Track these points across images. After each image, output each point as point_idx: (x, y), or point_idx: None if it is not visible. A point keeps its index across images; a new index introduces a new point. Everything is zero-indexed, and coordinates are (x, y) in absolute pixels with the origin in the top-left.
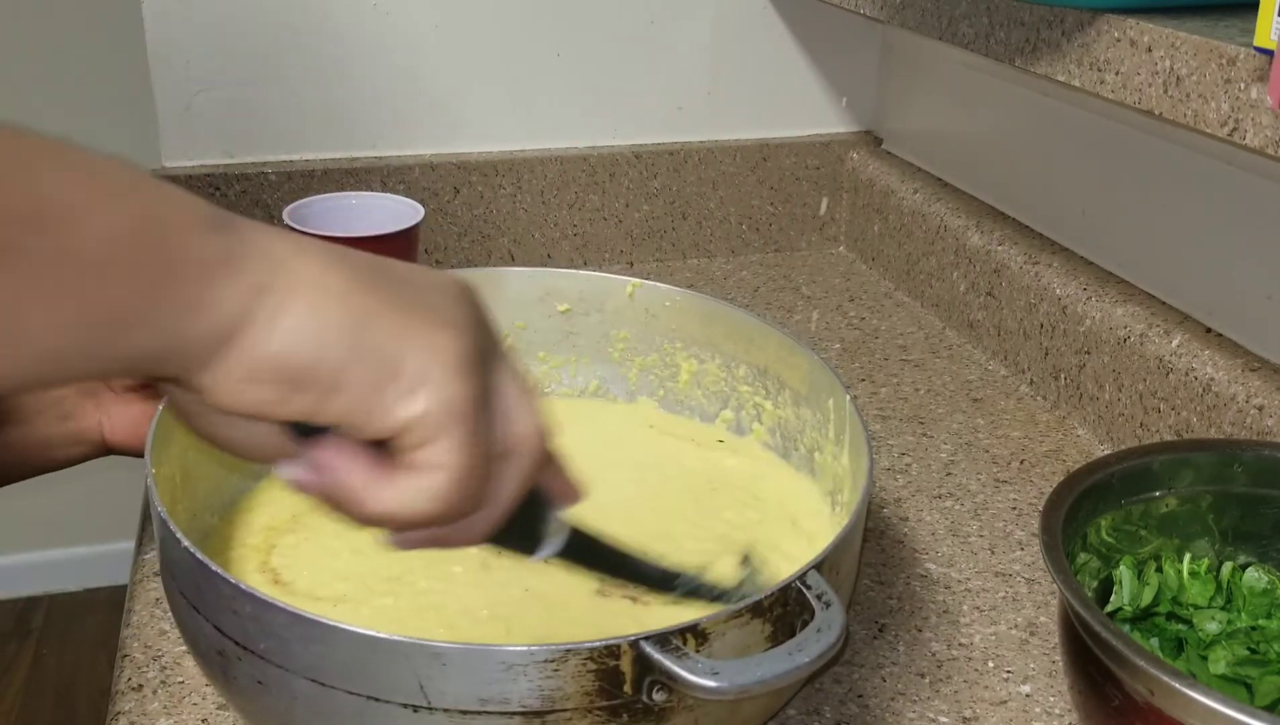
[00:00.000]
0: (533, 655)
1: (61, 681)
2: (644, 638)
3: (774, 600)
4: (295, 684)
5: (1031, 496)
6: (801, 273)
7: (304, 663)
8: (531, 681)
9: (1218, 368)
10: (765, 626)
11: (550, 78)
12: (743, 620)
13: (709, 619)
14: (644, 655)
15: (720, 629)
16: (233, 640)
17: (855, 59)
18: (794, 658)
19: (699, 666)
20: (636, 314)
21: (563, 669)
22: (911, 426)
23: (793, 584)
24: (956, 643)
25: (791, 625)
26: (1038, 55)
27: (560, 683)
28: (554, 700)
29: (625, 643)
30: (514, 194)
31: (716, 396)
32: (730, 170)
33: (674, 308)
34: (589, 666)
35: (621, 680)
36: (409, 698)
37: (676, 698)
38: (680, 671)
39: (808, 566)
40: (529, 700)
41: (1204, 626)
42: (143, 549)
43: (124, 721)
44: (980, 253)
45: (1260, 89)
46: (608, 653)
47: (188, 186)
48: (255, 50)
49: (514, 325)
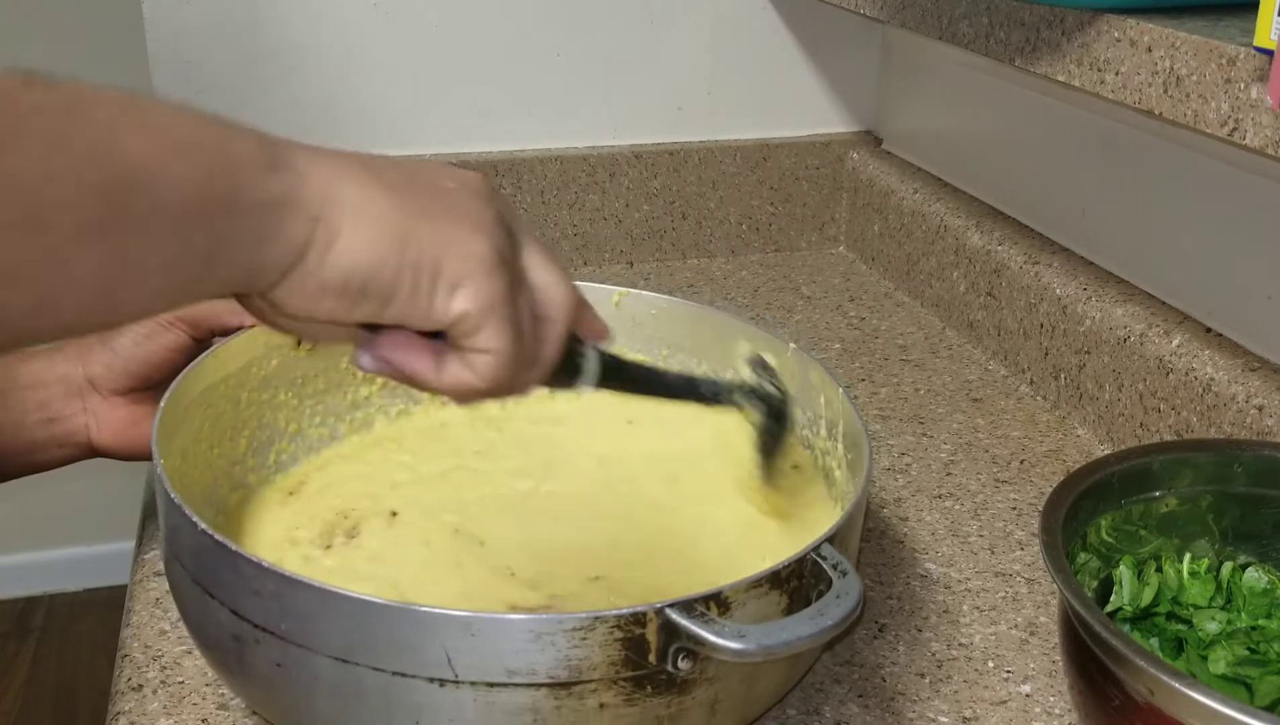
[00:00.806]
0: (561, 623)
1: (61, 681)
2: (670, 605)
3: (790, 571)
4: (317, 664)
5: (1031, 496)
6: (801, 273)
7: (330, 640)
8: (560, 650)
9: (1218, 368)
10: (782, 598)
11: (550, 78)
12: (761, 590)
13: (730, 587)
14: (670, 622)
15: (740, 598)
16: (250, 623)
17: (855, 59)
18: (817, 621)
19: (726, 630)
20: (624, 323)
21: (590, 637)
22: (911, 426)
23: (808, 556)
24: (956, 643)
25: (807, 596)
26: (1038, 55)
27: (587, 652)
28: (580, 670)
29: (651, 610)
30: (514, 194)
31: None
32: (730, 170)
33: (659, 316)
34: (615, 634)
35: (647, 649)
36: (436, 671)
37: (699, 668)
38: (708, 635)
39: (821, 539)
40: (556, 671)
41: (1204, 626)
42: (143, 549)
43: (124, 721)
44: (980, 253)
45: (1260, 89)
46: (634, 620)
47: None
48: (255, 50)
49: None
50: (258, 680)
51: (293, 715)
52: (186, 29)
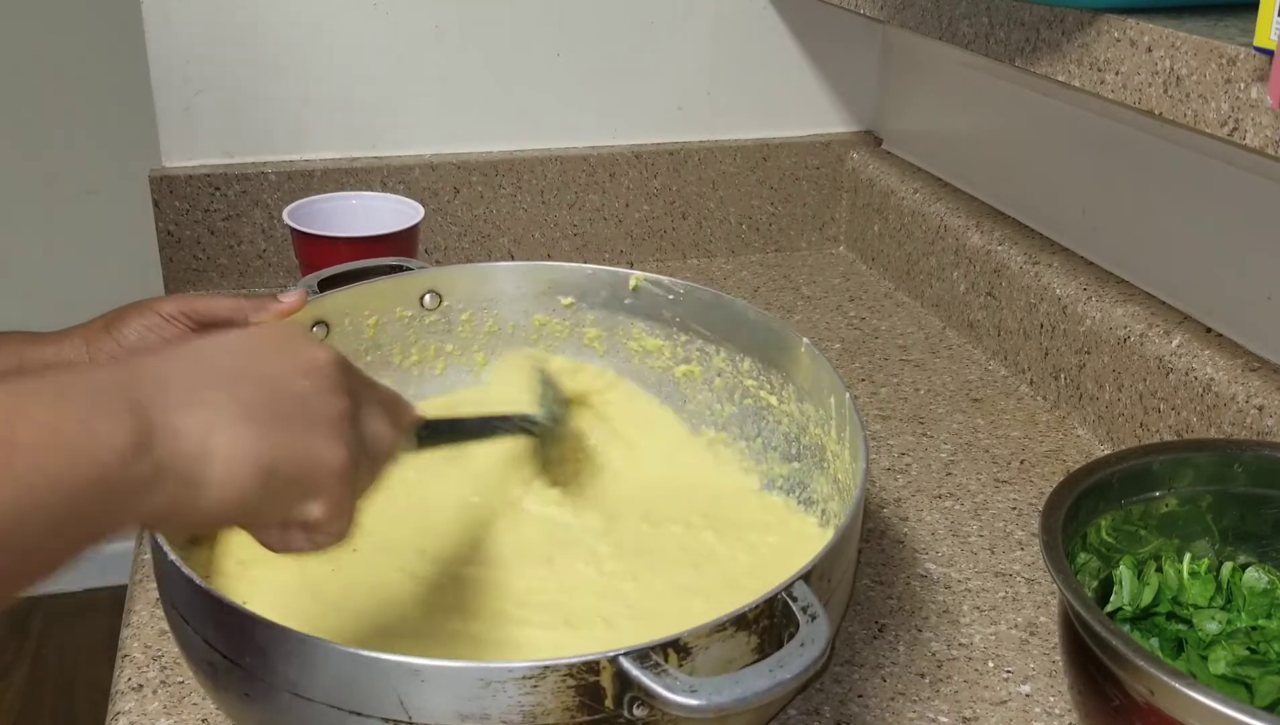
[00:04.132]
0: (511, 672)
1: (61, 681)
2: (623, 654)
3: (759, 613)
4: (279, 698)
5: (1031, 496)
6: (801, 273)
7: (286, 677)
8: (511, 698)
9: (1218, 368)
10: (751, 639)
11: (550, 78)
12: (726, 634)
13: (690, 633)
14: (623, 671)
15: (703, 643)
16: (219, 653)
17: (855, 59)
18: (774, 674)
19: (677, 684)
20: (641, 307)
21: (542, 685)
22: (911, 426)
23: (778, 596)
24: (956, 643)
25: (779, 636)
26: (1038, 55)
27: (540, 699)
28: (535, 716)
29: (604, 659)
30: (514, 194)
31: (723, 392)
32: (730, 170)
33: (676, 301)
34: (568, 683)
35: (602, 696)
36: (390, 713)
37: (659, 713)
38: (658, 689)
39: (794, 577)
40: (510, 716)
41: (1204, 626)
42: (142, 549)
43: (124, 721)
44: (980, 253)
45: (1260, 89)
46: (587, 669)
47: (188, 186)
48: (255, 50)
49: (532, 320)
50: (232, 704)
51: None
52: (186, 29)
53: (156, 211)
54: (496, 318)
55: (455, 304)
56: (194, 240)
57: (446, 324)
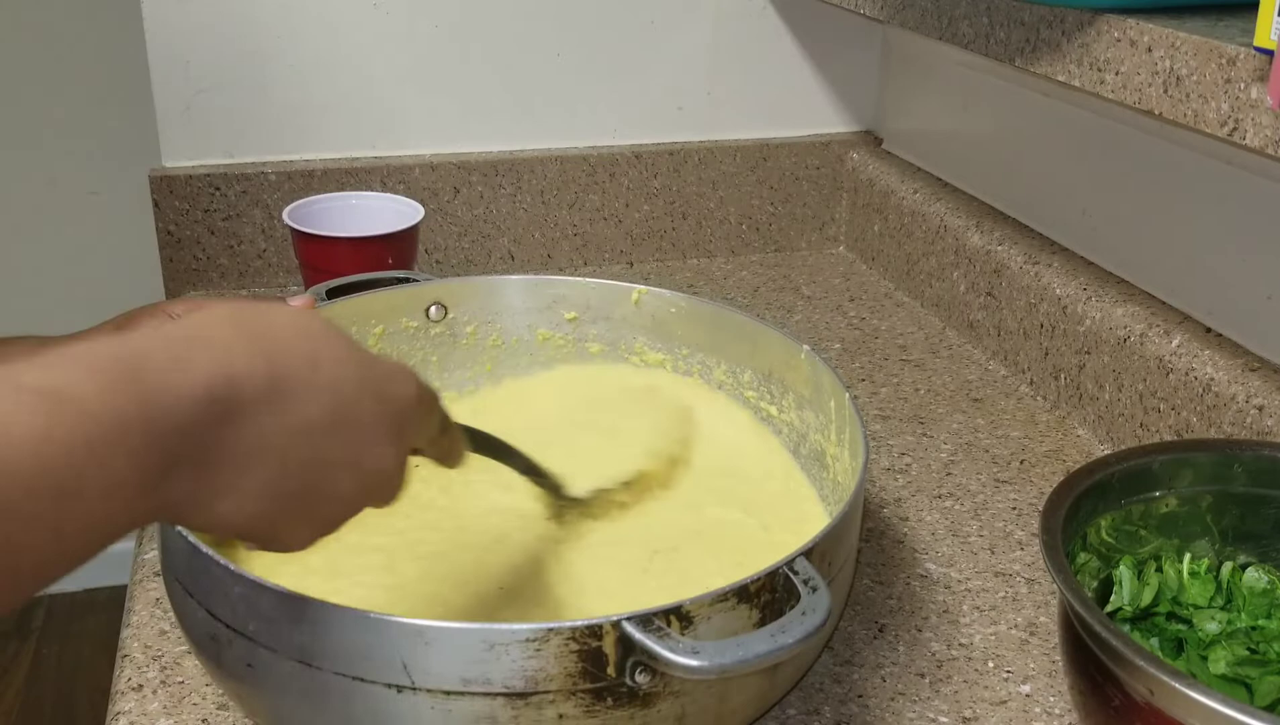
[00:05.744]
0: (515, 634)
1: (61, 681)
2: (626, 618)
3: (760, 586)
4: (283, 666)
5: (1031, 496)
6: (801, 273)
7: (292, 643)
8: (514, 661)
9: (1218, 368)
10: (753, 612)
11: (550, 78)
12: (729, 604)
13: (692, 601)
14: (626, 635)
15: (705, 612)
16: (224, 624)
17: (855, 59)
18: (776, 639)
19: (680, 646)
20: (644, 321)
21: (545, 649)
22: (911, 426)
23: (780, 570)
24: (956, 643)
25: (780, 611)
26: (1038, 55)
27: (543, 663)
28: (537, 681)
29: (608, 623)
30: (514, 194)
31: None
32: (730, 170)
33: (679, 314)
34: (571, 646)
35: (605, 662)
36: (393, 678)
37: (661, 682)
38: (661, 650)
39: (796, 553)
40: (512, 681)
41: (1204, 626)
42: (143, 549)
43: (124, 721)
44: (980, 253)
45: (1260, 89)
46: (590, 633)
47: (188, 186)
48: (255, 50)
49: (536, 334)
50: (235, 679)
51: (268, 716)
52: (186, 29)
53: (156, 211)
54: (501, 331)
55: (460, 316)
56: (194, 240)
57: (452, 337)
